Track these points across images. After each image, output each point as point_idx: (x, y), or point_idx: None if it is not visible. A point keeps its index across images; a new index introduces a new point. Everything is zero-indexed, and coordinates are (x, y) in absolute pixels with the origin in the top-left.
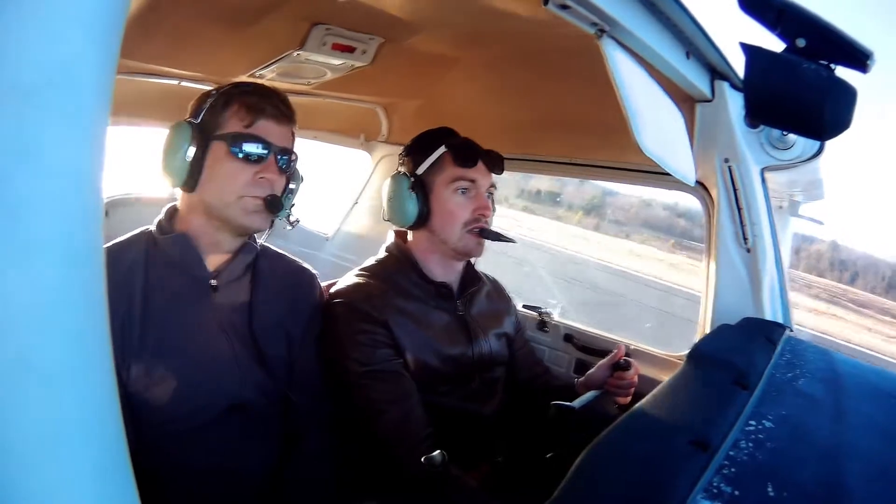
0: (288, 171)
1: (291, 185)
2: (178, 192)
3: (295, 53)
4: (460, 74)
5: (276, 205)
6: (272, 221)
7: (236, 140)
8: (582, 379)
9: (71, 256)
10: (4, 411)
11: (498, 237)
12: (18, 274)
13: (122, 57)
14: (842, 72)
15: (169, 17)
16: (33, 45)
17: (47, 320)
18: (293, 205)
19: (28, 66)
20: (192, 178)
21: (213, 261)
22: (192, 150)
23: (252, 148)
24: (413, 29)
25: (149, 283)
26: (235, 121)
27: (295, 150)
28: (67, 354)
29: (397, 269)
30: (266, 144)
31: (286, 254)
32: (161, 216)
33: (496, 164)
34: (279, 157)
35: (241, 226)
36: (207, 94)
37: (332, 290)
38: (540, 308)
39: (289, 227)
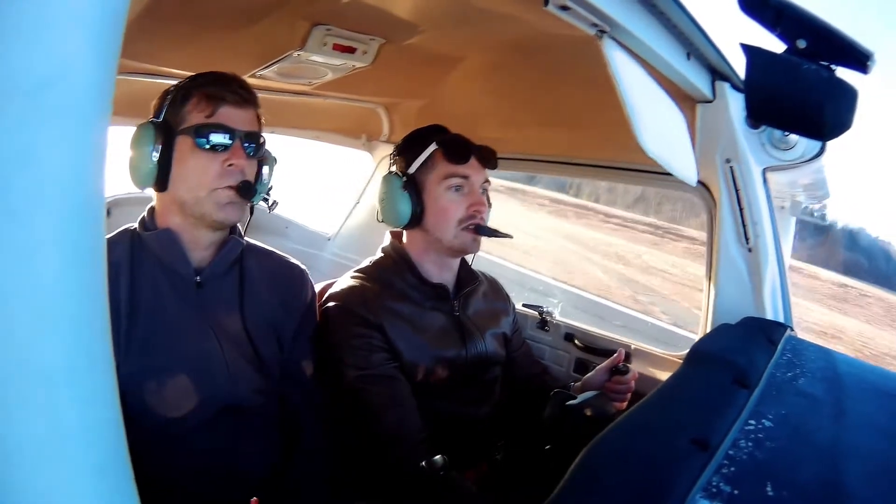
0: (258, 155)
1: (265, 169)
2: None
3: (295, 54)
4: (461, 75)
5: (248, 190)
6: (251, 209)
7: (199, 131)
8: (579, 383)
9: (72, 257)
10: (5, 411)
11: (494, 233)
12: (19, 274)
13: (122, 57)
14: (842, 72)
15: (169, 18)
16: (35, 45)
17: (48, 321)
18: (270, 187)
19: (30, 67)
20: (162, 178)
21: (195, 257)
22: (157, 150)
23: (216, 137)
24: (414, 30)
25: (134, 282)
26: (196, 113)
27: (263, 133)
28: (68, 355)
29: (393, 271)
30: (230, 131)
31: (274, 250)
32: (144, 213)
33: (489, 158)
34: (245, 142)
35: (216, 220)
36: (167, 91)
37: (328, 292)
38: (541, 307)
39: (268, 210)
